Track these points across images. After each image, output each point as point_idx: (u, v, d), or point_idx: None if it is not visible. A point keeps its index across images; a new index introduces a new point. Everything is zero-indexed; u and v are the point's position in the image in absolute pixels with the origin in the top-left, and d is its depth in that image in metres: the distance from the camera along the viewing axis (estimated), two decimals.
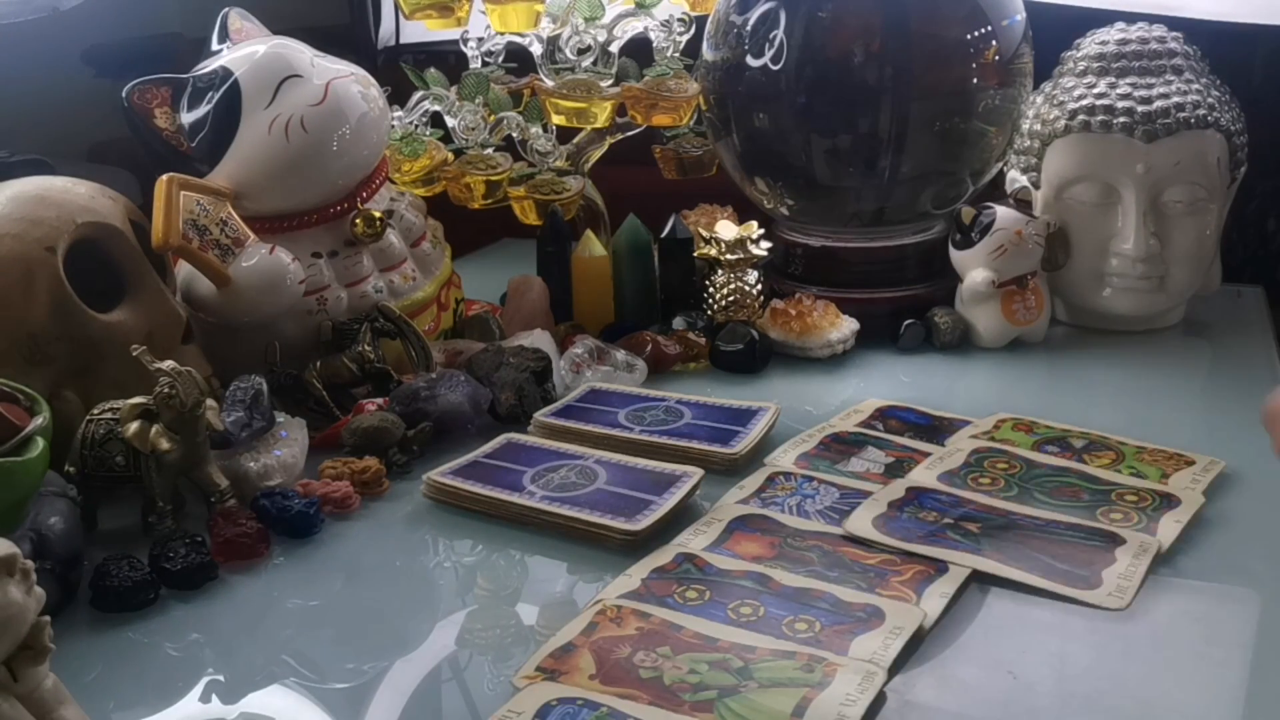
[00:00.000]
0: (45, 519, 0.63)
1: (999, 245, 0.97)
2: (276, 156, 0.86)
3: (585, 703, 0.52)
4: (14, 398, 0.66)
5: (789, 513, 0.71)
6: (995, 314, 0.99)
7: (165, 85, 0.87)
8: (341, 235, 0.91)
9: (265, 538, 0.69)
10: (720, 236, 1.01)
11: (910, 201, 1.04)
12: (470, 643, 0.61)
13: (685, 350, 0.98)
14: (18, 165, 1.06)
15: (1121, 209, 0.98)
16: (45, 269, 0.75)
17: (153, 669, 0.59)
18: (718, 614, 0.60)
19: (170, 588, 0.65)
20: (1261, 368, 0.95)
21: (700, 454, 0.78)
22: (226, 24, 0.92)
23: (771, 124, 1.03)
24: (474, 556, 0.70)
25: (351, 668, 0.59)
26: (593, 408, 0.86)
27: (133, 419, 0.69)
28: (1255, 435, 0.80)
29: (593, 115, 1.03)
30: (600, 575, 0.65)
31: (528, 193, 1.06)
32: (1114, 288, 1.00)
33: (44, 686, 0.44)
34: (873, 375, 0.96)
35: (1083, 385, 0.93)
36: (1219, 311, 1.07)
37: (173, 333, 0.81)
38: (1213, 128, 0.97)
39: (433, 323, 0.97)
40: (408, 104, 1.06)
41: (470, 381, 0.85)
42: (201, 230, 0.82)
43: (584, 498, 0.72)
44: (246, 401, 0.75)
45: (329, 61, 0.90)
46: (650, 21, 1.05)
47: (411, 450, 0.81)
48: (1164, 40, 1.01)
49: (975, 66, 1.00)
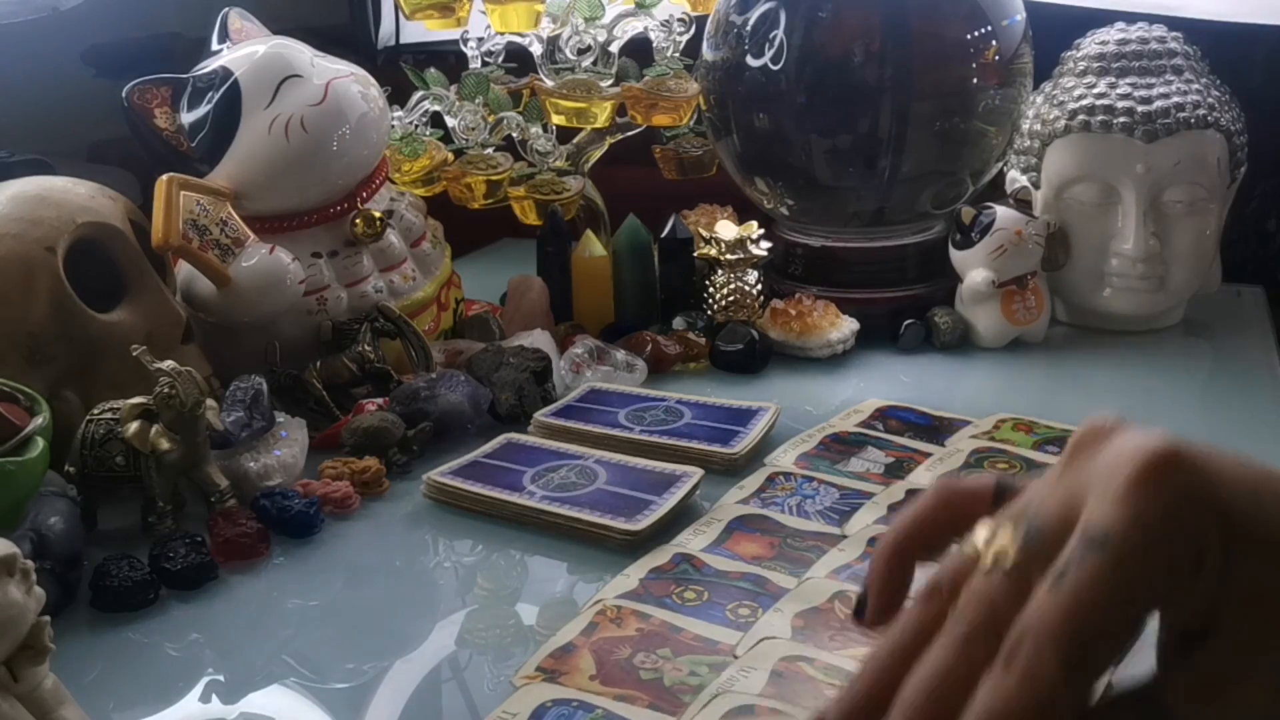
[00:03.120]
0: (45, 519, 0.63)
1: (999, 245, 0.97)
2: (276, 156, 0.86)
3: (581, 704, 0.52)
4: (14, 398, 0.66)
5: (789, 513, 0.71)
6: (995, 314, 0.99)
7: (165, 85, 0.87)
8: (341, 235, 0.91)
9: (265, 538, 0.69)
10: (720, 236, 1.01)
11: (910, 201, 1.04)
12: (470, 643, 0.61)
13: (685, 350, 0.98)
14: (18, 165, 1.06)
15: (1121, 209, 0.98)
16: (45, 269, 0.75)
17: (153, 669, 0.59)
18: (716, 615, 0.60)
19: (170, 588, 0.65)
20: (1261, 368, 0.95)
21: (700, 454, 0.78)
22: (226, 24, 0.92)
23: (771, 124, 1.03)
24: (474, 556, 0.70)
25: (351, 668, 0.59)
26: (593, 408, 0.86)
27: (133, 419, 0.69)
28: (1255, 435, 0.81)
29: (593, 115, 1.03)
30: (600, 575, 0.65)
31: (528, 193, 1.06)
32: (1114, 288, 1.00)
33: (44, 686, 0.44)
34: (873, 375, 0.96)
35: (1083, 385, 0.93)
36: (1219, 311, 1.07)
37: (173, 333, 0.81)
38: (1213, 128, 0.97)
39: (433, 323, 0.97)
40: (408, 104, 1.06)
41: (470, 381, 0.85)
42: (201, 230, 0.82)
43: (584, 498, 0.72)
44: (246, 401, 0.75)
45: (329, 61, 0.90)
46: (650, 21, 1.05)
47: (411, 450, 0.81)
48: (1164, 40, 1.01)
49: (975, 66, 1.00)
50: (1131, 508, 0.28)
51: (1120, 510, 0.28)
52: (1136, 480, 0.28)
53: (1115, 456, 0.30)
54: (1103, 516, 0.28)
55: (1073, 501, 0.30)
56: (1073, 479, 0.31)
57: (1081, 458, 0.31)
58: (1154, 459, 0.29)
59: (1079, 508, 0.30)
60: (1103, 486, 0.29)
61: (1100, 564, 0.28)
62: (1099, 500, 0.29)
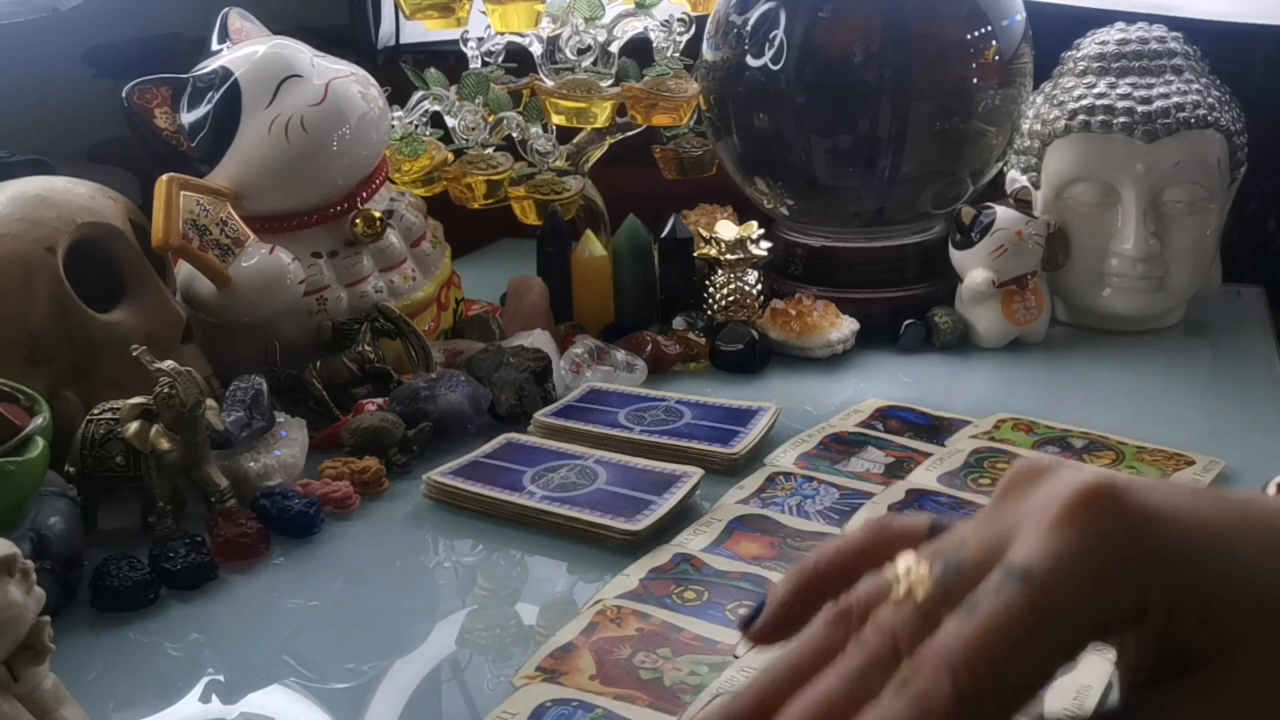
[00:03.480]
0: (45, 519, 0.63)
1: (999, 245, 0.97)
2: (276, 156, 0.86)
3: (581, 704, 0.52)
4: (14, 398, 0.66)
5: (789, 513, 0.71)
6: (995, 314, 0.99)
7: (165, 85, 0.87)
8: (341, 235, 0.91)
9: (265, 538, 0.69)
10: (720, 236, 1.01)
11: (910, 201, 1.04)
12: (470, 643, 0.61)
13: (685, 350, 0.98)
14: (18, 165, 1.06)
15: (1121, 209, 0.98)
16: (45, 269, 0.75)
17: (153, 669, 0.59)
18: (716, 615, 0.60)
19: (170, 588, 0.65)
20: (1261, 368, 0.95)
21: (700, 454, 0.78)
22: (226, 24, 0.92)
23: (771, 124, 1.03)
24: (474, 556, 0.70)
25: (351, 668, 0.59)
26: (593, 408, 0.86)
27: (133, 419, 0.69)
28: (1255, 435, 0.81)
29: (593, 115, 1.03)
30: (600, 575, 0.65)
31: (528, 193, 1.06)
32: (1114, 288, 1.00)
33: (44, 686, 0.44)
34: (873, 375, 0.96)
35: (1083, 385, 0.93)
36: (1219, 311, 1.07)
37: (173, 333, 0.81)
38: (1213, 128, 0.97)
39: (433, 323, 0.97)
40: (408, 104, 1.06)
41: (470, 381, 0.85)
42: (201, 230, 0.82)
43: (584, 498, 0.72)
44: (246, 401, 0.75)
45: (329, 61, 0.90)
46: (650, 21, 1.05)
47: (411, 450, 0.81)
48: (1164, 40, 1.01)
49: (975, 66, 1.00)
50: (1055, 543, 0.27)
51: (1044, 545, 0.27)
52: (1063, 516, 0.28)
53: (1046, 494, 0.29)
54: (1027, 551, 0.28)
55: (997, 540, 0.29)
56: (1000, 518, 0.30)
57: (1012, 498, 0.30)
58: (1083, 495, 0.28)
59: (1003, 546, 0.29)
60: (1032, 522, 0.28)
61: (1017, 596, 0.27)
62: (1024, 536, 0.28)
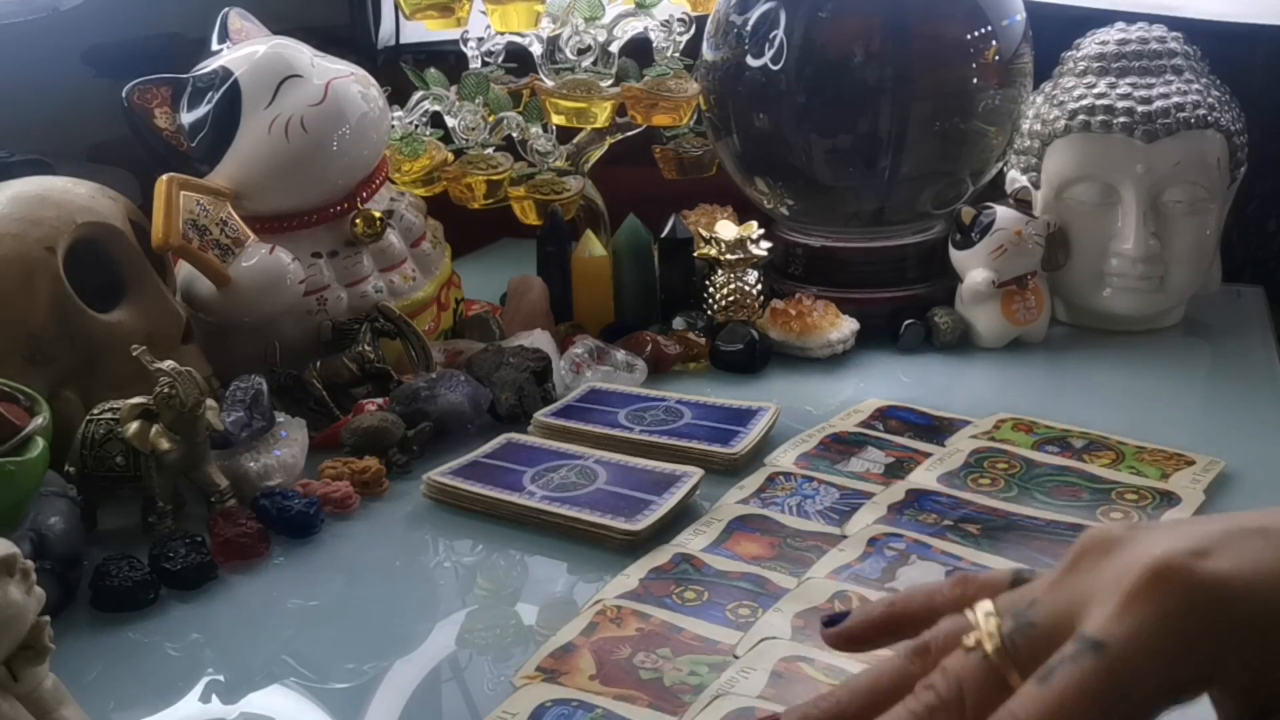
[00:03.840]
0: (45, 519, 0.63)
1: (999, 245, 0.97)
2: (276, 156, 0.86)
3: (581, 704, 0.52)
4: (14, 398, 0.66)
5: (789, 513, 0.71)
6: (995, 314, 0.99)
7: (165, 85, 0.87)
8: (341, 235, 0.91)
9: (265, 538, 0.69)
10: (720, 236, 1.01)
11: (910, 201, 1.04)
12: (470, 643, 0.61)
13: (685, 350, 0.98)
14: (18, 165, 1.06)
15: (1121, 209, 0.98)
16: (45, 269, 0.75)
17: (153, 669, 0.59)
18: (716, 615, 0.60)
19: (170, 588, 0.65)
20: (1261, 368, 0.95)
21: (700, 454, 0.78)
22: (226, 24, 0.92)
23: (771, 124, 1.03)
24: (474, 556, 0.70)
25: (351, 668, 0.59)
26: (593, 408, 0.86)
27: (133, 419, 0.69)
28: (1255, 435, 0.81)
29: (593, 115, 1.03)
30: (600, 575, 0.65)
31: (528, 193, 1.06)
32: (1114, 288, 1.00)
33: (44, 686, 0.44)
34: (873, 375, 0.96)
35: (1083, 385, 0.93)
36: (1219, 311, 1.07)
37: (173, 333, 0.81)
38: (1213, 128, 0.97)
39: (433, 323, 0.97)
40: (408, 104, 1.06)
41: (470, 381, 0.85)
42: (201, 230, 0.82)
43: (584, 498, 0.72)
44: (246, 401, 0.75)
45: (329, 61, 0.91)
46: (650, 21, 1.05)
47: (411, 450, 0.81)
48: (1164, 40, 1.01)
49: (975, 66, 1.00)
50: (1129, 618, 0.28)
51: (1117, 619, 0.28)
52: (1135, 593, 0.28)
53: (1118, 567, 0.30)
54: (1100, 623, 0.29)
55: (1068, 607, 0.30)
56: (1071, 586, 0.31)
57: (1085, 566, 0.31)
58: (1154, 572, 0.28)
59: (1075, 613, 0.30)
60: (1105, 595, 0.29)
61: (1091, 668, 0.28)
62: (1098, 608, 0.29)
